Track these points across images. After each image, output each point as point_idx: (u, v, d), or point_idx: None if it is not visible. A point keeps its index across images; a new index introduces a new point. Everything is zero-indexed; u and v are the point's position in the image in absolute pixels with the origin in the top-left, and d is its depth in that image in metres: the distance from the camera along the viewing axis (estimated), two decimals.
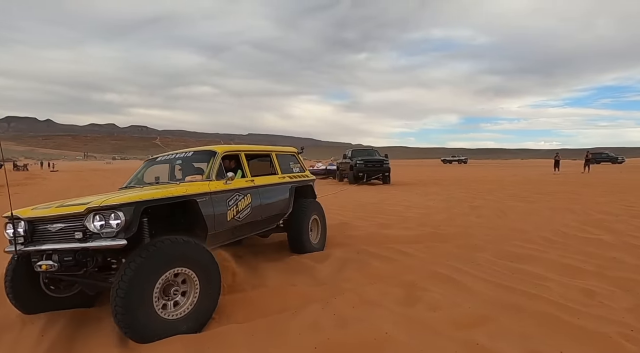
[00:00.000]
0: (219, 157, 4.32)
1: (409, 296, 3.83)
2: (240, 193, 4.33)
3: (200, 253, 3.29)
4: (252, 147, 5.28)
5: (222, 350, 2.83)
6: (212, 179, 4.06)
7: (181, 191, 3.58)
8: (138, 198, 3.15)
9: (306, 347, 2.84)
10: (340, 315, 3.38)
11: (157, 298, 2.98)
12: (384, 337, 2.94)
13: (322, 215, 5.90)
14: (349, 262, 5.06)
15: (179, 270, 3.13)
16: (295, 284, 4.31)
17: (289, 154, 5.85)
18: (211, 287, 3.33)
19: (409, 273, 4.58)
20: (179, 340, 2.97)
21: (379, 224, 7.88)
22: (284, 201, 5.18)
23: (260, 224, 4.83)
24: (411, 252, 5.50)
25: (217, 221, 3.91)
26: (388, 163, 19.48)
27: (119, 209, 2.99)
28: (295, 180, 5.56)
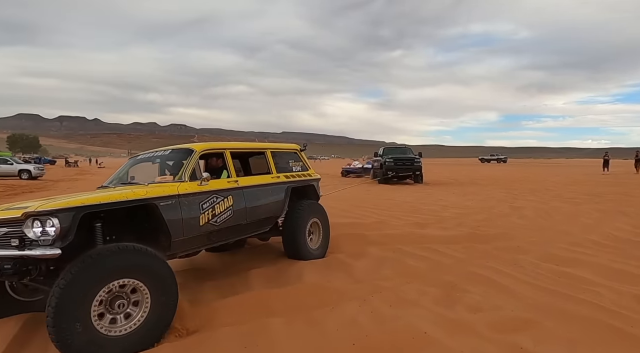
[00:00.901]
0: (195, 155, 3.97)
1: (447, 296, 3.77)
2: (219, 195, 3.96)
3: (148, 262, 2.95)
4: (239, 145, 4.89)
5: (266, 342, 2.91)
6: (184, 180, 3.71)
7: (138, 194, 3.26)
8: (79, 203, 2.86)
9: (345, 343, 2.86)
10: (377, 313, 3.38)
11: (97, 315, 2.69)
12: (422, 337, 2.91)
13: (324, 219, 5.38)
14: (385, 261, 5.04)
15: (122, 281, 2.80)
16: (331, 281, 4.34)
17: (289, 151, 5.41)
18: (165, 298, 3.00)
19: (447, 273, 4.50)
20: (222, 333, 3.08)
21: (415, 223, 7.78)
22: (276, 203, 4.75)
23: (247, 228, 4.42)
24: (449, 252, 5.39)
25: (187, 226, 3.56)
26: (419, 161, 18.83)
27: (54, 215, 2.70)
28: (292, 179, 5.10)
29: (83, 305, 2.61)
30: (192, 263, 5.22)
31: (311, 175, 5.51)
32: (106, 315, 2.77)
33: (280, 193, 4.84)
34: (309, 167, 5.58)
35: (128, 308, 2.88)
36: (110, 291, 2.78)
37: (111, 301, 2.80)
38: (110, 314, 2.79)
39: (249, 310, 3.54)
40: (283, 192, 4.87)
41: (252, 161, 5.42)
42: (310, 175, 5.48)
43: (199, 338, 3.01)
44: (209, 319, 3.40)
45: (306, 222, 5.02)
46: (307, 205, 5.16)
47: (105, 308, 2.77)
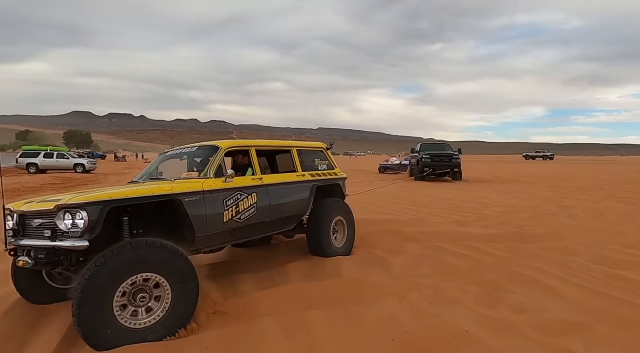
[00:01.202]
0: (220, 153, 3.99)
1: (490, 296, 3.67)
2: (243, 192, 3.97)
3: (170, 258, 2.99)
4: (264, 143, 4.88)
5: (306, 333, 2.96)
6: (209, 177, 3.75)
7: (164, 190, 3.32)
8: (106, 197, 2.95)
9: (384, 338, 2.87)
10: (417, 309, 3.35)
11: (119, 307, 2.77)
12: (464, 335, 2.86)
13: (349, 217, 5.32)
14: (424, 258, 4.97)
15: (144, 276, 2.88)
16: (368, 276, 4.34)
17: (316, 149, 5.40)
18: (186, 293, 3.04)
19: (489, 272, 4.37)
20: (263, 322, 3.18)
21: (454, 221, 7.59)
22: (301, 201, 4.74)
23: (271, 225, 4.44)
24: (491, 251, 5.23)
25: (210, 222, 3.60)
26: (458, 158, 18.05)
27: (83, 208, 2.81)
28: (318, 178, 5.08)
29: (106, 297, 2.69)
30: (231, 255, 5.38)
31: (337, 174, 5.47)
32: (128, 307, 2.85)
33: (305, 191, 4.82)
34: (335, 165, 5.55)
35: (149, 302, 2.94)
36: (133, 284, 2.85)
37: (133, 294, 2.87)
38: (132, 306, 2.87)
39: (287, 302, 3.62)
40: (308, 191, 4.85)
41: (279, 159, 5.40)
42: (336, 174, 5.45)
43: (241, 327, 3.11)
44: (250, 309, 3.51)
45: (330, 220, 4.98)
46: (332, 203, 5.11)
47: (128, 300, 2.84)
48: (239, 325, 3.16)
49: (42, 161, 25.29)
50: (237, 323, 3.19)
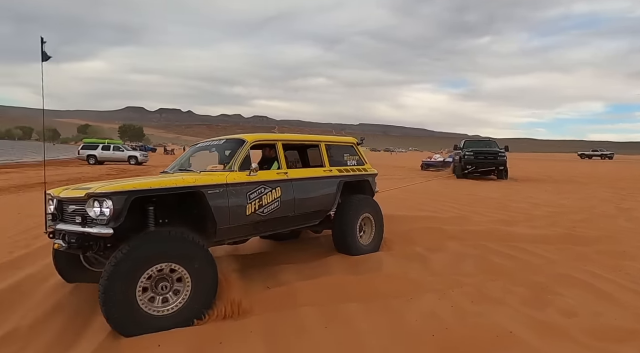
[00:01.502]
0: (246, 146, 4.02)
1: (537, 298, 3.53)
2: (267, 186, 3.97)
3: (191, 249, 3.09)
4: (291, 137, 4.84)
5: (345, 324, 3.01)
6: (233, 170, 3.79)
7: (187, 182, 3.40)
8: (131, 187, 3.06)
9: (424, 334, 2.85)
10: (458, 307, 3.30)
11: (141, 293, 2.89)
12: (508, 336, 2.78)
13: (377, 214, 5.18)
14: (465, 256, 4.84)
15: (165, 265, 2.98)
16: (408, 273, 4.30)
17: (346, 144, 5.30)
18: (205, 284, 3.13)
19: (537, 274, 4.19)
20: (303, 311, 3.26)
21: (500, 220, 7.31)
22: (327, 196, 4.67)
23: (295, 220, 4.41)
24: (539, 252, 5.01)
25: (232, 214, 3.64)
26: (504, 155, 16.94)
27: (109, 197, 2.92)
28: (346, 174, 4.99)
29: (129, 284, 2.80)
30: (274, 246, 5.52)
31: (367, 170, 5.36)
32: (150, 294, 2.96)
33: (332, 187, 4.75)
34: (366, 161, 5.43)
35: (170, 291, 3.04)
36: (155, 273, 2.95)
37: (155, 282, 2.98)
38: (153, 294, 2.97)
39: (327, 293, 3.68)
40: (335, 186, 4.77)
41: (309, 153, 5.35)
42: (365, 170, 5.34)
43: (281, 314, 3.20)
44: (290, 298, 3.60)
45: (357, 217, 4.87)
46: (359, 200, 5.00)
47: (150, 288, 2.95)
48: (279, 312, 3.26)
49: (100, 153, 27.11)
50: (278, 311, 3.29)
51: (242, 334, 2.89)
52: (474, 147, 17.88)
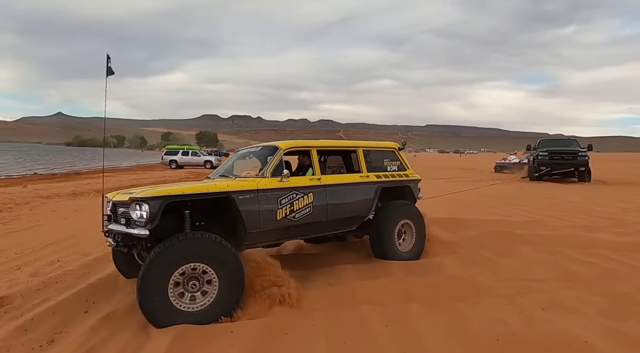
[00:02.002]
0: (279, 153, 4.12)
1: (619, 309, 3.25)
2: (299, 191, 4.05)
3: (220, 251, 3.27)
4: (327, 143, 4.93)
5: (406, 324, 3.04)
6: (265, 176, 3.92)
7: (219, 187, 3.59)
8: (166, 192, 3.30)
9: (487, 338, 2.79)
10: (527, 314, 3.16)
11: (173, 290, 3.11)
12: (582, 346, 2.62)
13: (418, 221, 5.05)
14: (539, 262, 4.57)
15: (194, 265, 3.19)
16: (474, 276, 4.19)
17: (386, 149, 5.21)
18: (231, 284, 3.30)
19: (621, 283, 3.83)
20: (363, 309, 3.35)
21: (580, 225, 6.72)
22: (362, 202, 4.64)
23: (329, 225, 4.44)
24: (626, 261, 4.55)
25: (263, 219, 3.77)
26: (585, 155, 15.18)
27: (146, 202, 3.17)
28: (384, 179, 4.90)
29: (162, 281, 3.06)
30: (337, 247, 5.66)
31: (408, 176, 5.24)
32: (181, 291, 3.19)
33: (369, 192, 4.71)
34: (408, 166, 5.33)
35: (200, 289, 3.25)
36: (185, 272, 3.18)
37: (186, 281, 3.20)
38: (185, 291, 3.20)
39: (387, 293, 3.74)
40: (372, 192, 4.73)
41: (348, 159, 5.30)
42: (407, 176, 5.23)
43: (342, 311, 3.32)
44: (351, 296, 3.71)
45: (395, 223, 4.80)
46: (398, 205, 4.92)
47: (182, 286, 3.19)
48: (340, 309, 3.38)
49: (180, 158, 29.56)
50: (339, 308, 3.42)
51: (306, 327, 3.06)
52: (549, 147, 16.26)
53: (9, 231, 7.01)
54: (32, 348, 2.78)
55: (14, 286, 4.02)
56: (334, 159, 5.18)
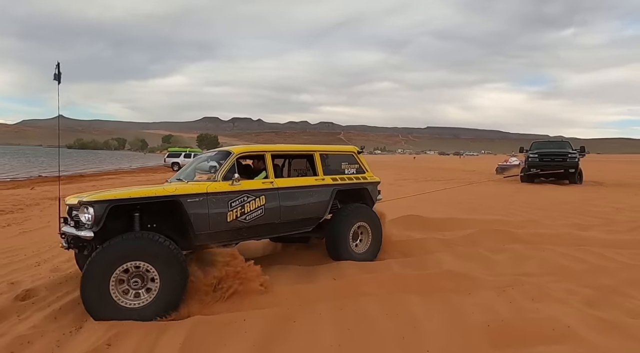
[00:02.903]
0: (232, 158, 4.25)
1: (603, 299, 3.51)
2: (250, 194, 4.17)
3: (160, 250, 3.37)
4: (282, 147, 5.01)
5: (405, 313, 3.29)
6: (217, 180, 4.05)
7: (167, 191, 3.72)
8: (111, 196, 3.46)
9: (479, 323, 3.03)
10: (516, 304, 3.41)
11: (116, 287, 3.24)
12: (564, 330, 2.87)
13: (374, 223, 5.10)
14: (531, 258, 4.82)
15: (137, 264, 3.31)
16: (469, 271, 4.43)
17: (345, 153, 5.29)
18: (173, 282, 3.41)
19: (608, 277, 4.09)
20: (365, 301, 3.61)
21: (574, 225, 6.98)
22: (317, 204, 4.72)
23: (282, 227, 4.54)
24: (614, 257, 4.81)
25: (212, 221, 3.87)
26: (575, 157, 15.38)
27: (92, 205, 3.32)
28: (340, 182, 4.98)
29: (102, 278, 3.19)
30: None
31: (366, 178, 5.31)
32: (126, 288, 3.32)
33: (324, 195, 4.78)
34: (367, 169, 5.39)
35: (141, 285, 3.37)
36: (128, 270, 3.31)
37: (127, 278, 3.33)
38: (129, 288, 3.33)
39: (387, 286, 3.98)
40: (327, 194, 4.80)
41: (294, 162, 5.45)
42: (365, 178, 5.29)
43: (346, 302, 3.57)
44: (352, 289, 3.94)
45: (349, 225, 4.88)
46: (353, 208, 5.00)
47: (123, 283, 3.31)
48: (344, 300, 3.62)
49: (182, 160, 29.83)
50: (343, 299, 3.66)
51: (313, 316, 3.31)
52: (541, 149, 16.52)
53: (23, 231, 7.29)
54: (63, 334, 3.04)
55: (37, 280, 4.27)
56: (299, 162, 5.32)
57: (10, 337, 2.93)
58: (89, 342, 2.87)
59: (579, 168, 15.64)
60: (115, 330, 3.02)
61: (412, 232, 6.37)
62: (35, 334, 2.97)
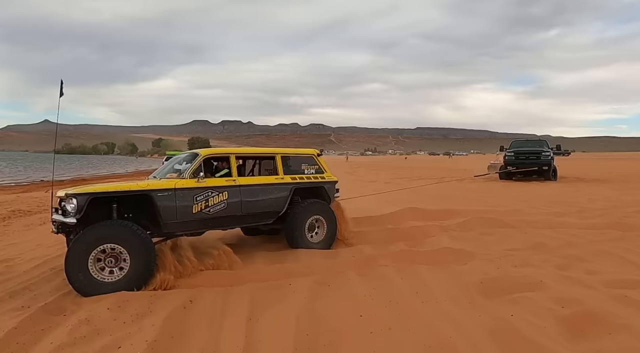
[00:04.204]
0: (199, 159, 4.88)
1: (569, 264, 4.46)
2: (214, 190, 4.79)
3: (129, 235, 3.98)
4: (245, 150, 5.78)
5: (415, 276, 4.21)
6: (184, 177, 4.67)
7: (140, 186, 4.41)
8: (91, 190, 4.17)
9: (474, 281, 3.94)
10: (503, 268, 4.34)
11: (94, 264, 3.85)
12: (538, 283, 3.79)
13: (329, 217, 5.74)
14: (515, 238, 5.76)
15: (113, 246, 3.92)
16: (464, 247, 5.33)
17: (305, 156, 5.92)
18: (141, 262, 4.00)
19: (575, 249, 5.06)
20: (381, 270, 4.50)
21: (553, 213, 8.00)
22: (276, 200, 5.34)
23: (244, 218, 5.19)
24: (583, 235, 5.78)
25: (179, 212, 4.50)
26: (548, 155, 16.12)
27: (75, 197, 3.97)
28: (298, 181, 5.60)
29: (82, 257, 3.80)
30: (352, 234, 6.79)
31: (324, 178, 5.92)
32: (102, 266, 3.93)
33: (283, 192, 5.40)
34: (326, 170, 6.02)
35: (115, 264, 3.98)
36: (105, 251, 3.93)
37: (103, 257, 3.93)
38: (105, 266, 3.94)
39: (398, 260, 4.89)
40: (286, 191, 5.42)
41: (257, 163, 6.14)
42: (323, 178, 5.90)
43: (369, 271, 4.44)
44: (371, 263, 4.83)
45: (305, 218, 5.48)
46: (309, 204, 5.59)
47: (99, 261, 3.92)
48: (366, 270, 4.52)
49: None
50: (365, 269, 4.56)
51: (342, 281, 4.15)
52: (518, 148, 17.32)
53: None
54: (151, 296, 3.86)
55: None
56: (268, 163, 5.95)
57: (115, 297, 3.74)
58: (175, 300, 3.70)
59: (553, 166, 16.42)
60: (191, 293, 3.87)
61: (415, 221, 7.30)
62: (133, 296, 3.78)
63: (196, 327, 3.21)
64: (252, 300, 3.67)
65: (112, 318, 3.32)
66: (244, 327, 3.13)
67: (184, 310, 3.49)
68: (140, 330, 3.09)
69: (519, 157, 16.49)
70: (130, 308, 3.51)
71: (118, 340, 2.94)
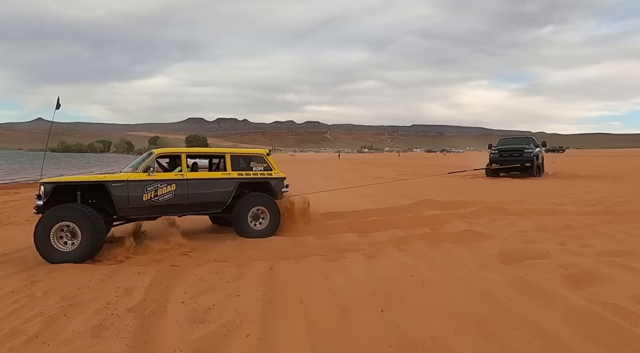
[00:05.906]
0: (152, 156, 5.80)
1: (569, 241, 5.42)
2: (163, 182, 5.63)
3: (80, 216, 4.91)
4: (197, 150, 6.87)
5: (447, 252, 5.20)
6: (138, 171, 5.59)
7: (98, 178, 5.45)
8: (57, 180, 5.25)
9: (493, 253, 4.88)
10: (515, 245, 5.30)
11: (54, 238, 4.86)
12: (545, 254, 4.74)
13: (272, 207, 6.35)
14: (522, 223, 6.75)
15: (68, 223, 4.90)
16: (480, 230, 6.29)
17: (255, 155, 6.63)
18: (89, 237, 4.91)
19: (573, 230, 6.05)
20: (421, 244, 5.47)
21: (553, 203, 9.01)
22: (222, 192, 6.09)
23: (191, 207, 5.96)
24: (579, 220, 6.81)
25: (132, 200, 5.41)
26: (531, 152, 16.50)
27: (43, 185, 5.12)
28: (244, 176, 6.31)
29: (45, 231, 4.84)
30: (374, 215, 7.75)
31: (271, 175, 6.62)
32: (63, 240, 4.94)
33: (228, 185, 6.16)
34: (274, 168, 6.69)
35: (71, 238, 4.95)
36: (63, 228, 4.94)
37: (63, 232, 4.94)
38: (64, 238, 4.94)
39: (428, 240, 5.81)
40: (231, 185, 6.17)
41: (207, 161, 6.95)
42: (270, 175, 6.61)
43: (404, 246, 5.40)
44: (405, 242, 5.78)
45: (248, 209, 6.19)
46: (252, 196, 6.31)
47: (58, 234, 4.92)
48: (404, 246, 5.46)
49: None
50: (403, 245, 5.49)
51: (388, 253, 5.10)
52: (504, 145, 17.77)
53: None
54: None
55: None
56: (218, 161, 6.71)
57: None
58: (259, 268, 4.63)
59: (538, 162, 16.84)
60: (268, 264, 4.80)
61: (432, 211, 8.29)
62: (223, 266, 4.72)
63: (285, 284, 4.14)
64: (322, 268, 4.62)
65: (218, 279, 4.27)
66: (324, 283, 4.08)
67: (270, 274, 4.43)
68: (245, 286, 4.04)
69: (502, 154, 16.99)
70: (225, 275, 4.45)
71: (233, 291, 3.89)
